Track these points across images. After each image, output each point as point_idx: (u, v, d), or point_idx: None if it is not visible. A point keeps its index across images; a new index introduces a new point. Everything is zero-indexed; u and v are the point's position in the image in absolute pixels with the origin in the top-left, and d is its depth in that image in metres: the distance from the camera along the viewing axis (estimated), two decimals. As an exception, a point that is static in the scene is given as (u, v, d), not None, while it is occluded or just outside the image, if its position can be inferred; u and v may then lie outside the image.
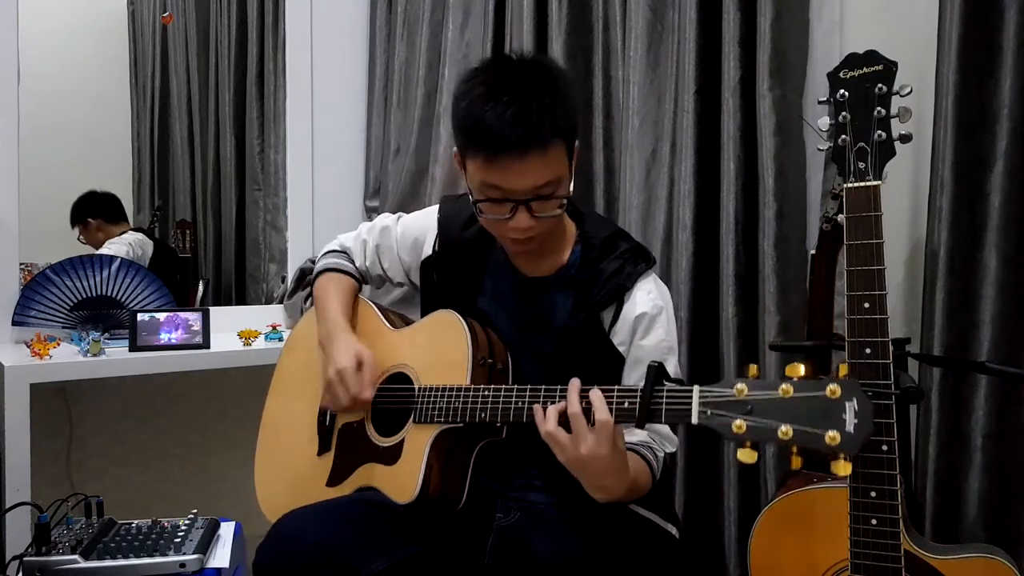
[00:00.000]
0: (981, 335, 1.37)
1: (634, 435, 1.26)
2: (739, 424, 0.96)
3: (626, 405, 1.07)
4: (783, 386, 0.95)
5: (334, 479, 1.39)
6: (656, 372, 1.05)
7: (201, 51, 2.66)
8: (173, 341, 2.00)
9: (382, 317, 1.48)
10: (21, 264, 2.12)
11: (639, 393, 1.05)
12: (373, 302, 1.53)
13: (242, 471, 1.72)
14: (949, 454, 1.41)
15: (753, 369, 0.99)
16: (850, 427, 0.91)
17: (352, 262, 1.55)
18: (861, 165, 1.20)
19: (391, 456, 1.32)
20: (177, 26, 2.63)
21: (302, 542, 1.16)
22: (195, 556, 1.28)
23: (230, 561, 1.35)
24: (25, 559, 1.25)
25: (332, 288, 1.49)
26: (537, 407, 1.12)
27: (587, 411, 1.08)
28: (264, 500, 1.50)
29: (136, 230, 2.46)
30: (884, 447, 1.17)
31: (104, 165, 2.49)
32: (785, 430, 0.93)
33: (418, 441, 1.28)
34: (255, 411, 1.65)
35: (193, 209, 2.66)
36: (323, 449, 1.45)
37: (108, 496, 1.47)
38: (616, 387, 1.09)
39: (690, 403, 1.01)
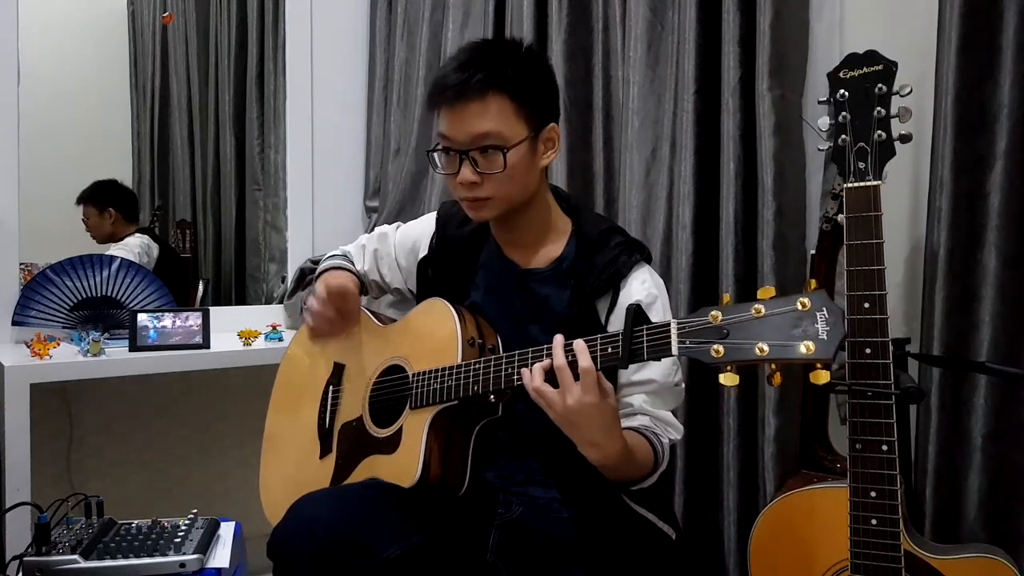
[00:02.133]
0: (981, 335, 1.37)
1: (635, 420, 1.27)
2: (717, 349, 0.98)
3: (609, 350, 1.09)
4: (755, 307, 0.97)
5: (337, 478, 1.40)
6: (635, 314, 1.08)
7: (201, 51, 2.66)
8: (173, 341, 2.00)
9: (373, 318, 1.50)
10: (21, 264, 2.12)
11: (620, 335, 1.08)
12: (366, 308, 1.54)
13: (242, 471, 1.72)
14: (949, 454, 1.41)
15: (726, 298, 1.02)
16: (823, 335, 0.93)
17: (353, 265, 1.57)
18: (861, 165, 1.20)
19: (391, 445, 1.33)
20: (177, 26, 2.63)
21: (318, 524, 1.16)
22: (195, 556, 1.28)
23: (230, 561, 1.35)
24: (25, 559, 1.25)
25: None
26: (524, 370, 1.15)
27: (572, 364, 1.10)
28: (269, 509, 1.50)
29: (142, 232, 2.46)
30: (884, 447, 1.17)
31: (104, 165, 2.48)
32: (762, 347, 0.96)
33: (416, 425, 1.29)
34: (255, 411, 1.65)
35: (193, 209, 2.66)
36: (325, 452, 1.46)
37: (108, 496, 1.47)
38: (599, 335, 1.12)
39: (669, 336, 1.03)
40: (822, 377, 0.96)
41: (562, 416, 1.11)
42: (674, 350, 1.03)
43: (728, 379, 0.99)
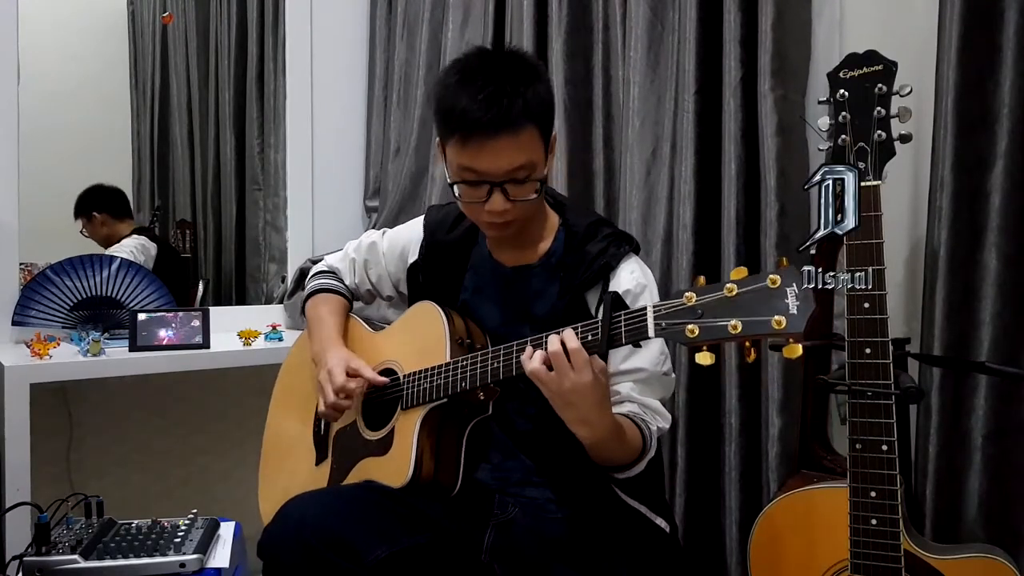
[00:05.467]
0: (981, 335, 1.37)
1: (623, 407, 1.28)
2: (692, 328, 1.01)
3: (589, 337, 1.11)
4: (727, 286, 1.00)
5: (332, 484, 1.40)
6: (613, 300, 1.10)
7: (201, 51, 2.66)
8: (173, 341, 2.00)
9: (366, 325, 1.52)
10: (21, 264, 2.12)
11: (599, 322, 1.10)
12: (358, 316, 1.56)
13: (242, 471, 1.72)
14: (949, 454, 1.41)
15: (700, 280, 1.04)
16: (793, 309, 0.95)
17: (341, 281, 1.58)
18: (861, 165, 1.20)
19: (383, 446, 1.33)
20: (177, 26, 2.63)
21: (307, 524, 1.17)
22: (195, 556, 1.28)
23: (230, 561, 1.35)
24: (25, 559, 1.25)
25: (323, 309, 1.53)
26: (523, 355, 1.16)
27: (563, 348, 1.12)
28: (267, 520, 1.50)
29: (140, 231, 2.46)
30: (884, 447, 1.17)
31: (104, 165, 2.48)
32: (735, 324, 0.98)
33: (407, 425, 1.30)
34: (255, 411, 1.65)
35: (193, 209, 2.66)
36: (320, 458, 1.46)
37: (108, 496, 1.47)
38: (579, 324, 1.13)
39: (646, 320, 1.05)
40: (796, 351, 0.97)
41: (557, 395, 1.12)
42: (651, 332, 1.05)
43: (704, 358, 1.01)
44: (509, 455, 1.36)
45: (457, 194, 1.29)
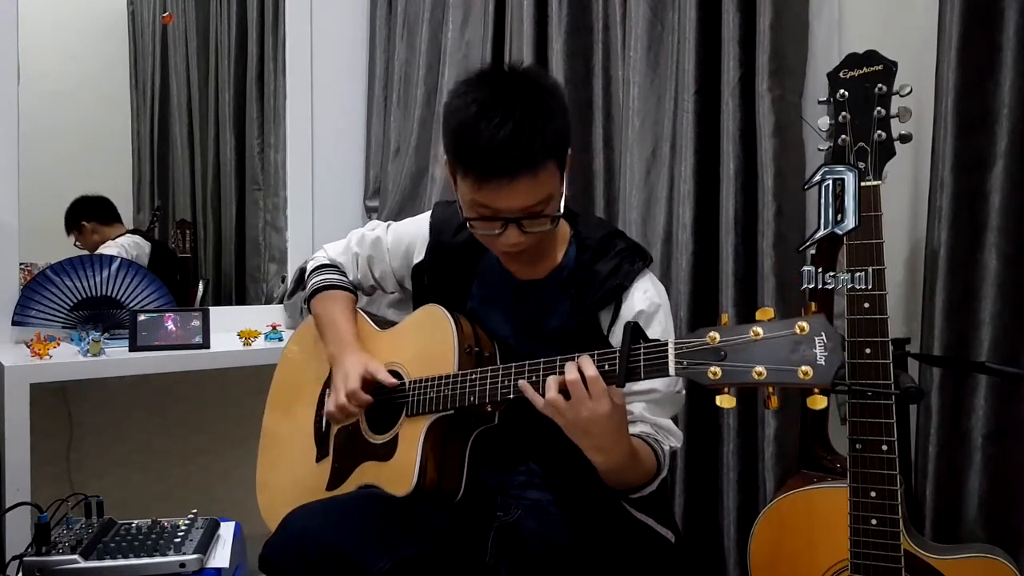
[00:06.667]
0: (981, 335, 1.37)
1: (635, 427, 1.26)
2: (714, 371, 0.98)
3: (607, 367, 1.09)
4: (754, 329, 0.97)
5: (333, 483, 1.40)
6: (633, 331, 1.07)
7: (201, 51, 2.66)
8: (173, 341, 2.00)
9: (372, 323, 1.50)
10: (21, 264, 2.12)
11: (617, 353, 1.07)
12: (362, 309, 1.54)
13: (242, 471, 1.72)
14: (949, 454, 1.41)
15: (724, 318, 1.01)
16: (821, 360, 0.92)
17: (345, 276, 1.56)
18: (861, 165, 1.20)
19: (387, 452, 1.32)
20: (177, 26, 2.63)
21: (309, 538, 1.16)
22: (195, 556, 1.28)
23: (230, 561, 1.35)
24: (25, 559, 1.25)
25: (333, 307, 1.49)
26: (524, 383, 1.13)
27: (580, 375, 1.10)
28: (266, 512, 1.50)
29: (133, 232, 2.45)
30: (884, 447, 1.17)
31: (104, 165, 2.49)
32: (759, 371, 0.95)
33: (412, 433, 1.29)
34: (255, 411, 1.65)
35: (193, 209, 2.66)
36: (321, 455, 1.46)
37: (108, 496, 1.47)
38: (597, 351, 1.11)
39: (666, 356, 1.03)
40: (819, 403, 0.94)
41: (573, 424, 1.10)
42: (671, 371, 1.02)
43: (725, 401, 0.98)
44: (514, 460, 1.36)
45: (469, 227, 1.25)
